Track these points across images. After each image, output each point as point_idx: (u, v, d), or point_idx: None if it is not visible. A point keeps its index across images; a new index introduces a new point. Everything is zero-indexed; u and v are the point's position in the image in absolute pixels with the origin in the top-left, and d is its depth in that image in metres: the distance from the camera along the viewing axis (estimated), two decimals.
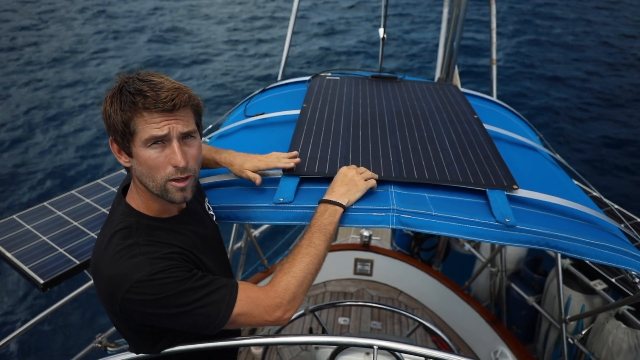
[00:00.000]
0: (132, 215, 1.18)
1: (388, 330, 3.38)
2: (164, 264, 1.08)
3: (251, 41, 14.44)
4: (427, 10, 17.63)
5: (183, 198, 1.16)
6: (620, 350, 2.65)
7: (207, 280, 1.12)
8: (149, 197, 1.18)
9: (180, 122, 1.10)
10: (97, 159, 8.34)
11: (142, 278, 1.05)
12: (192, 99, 1.14)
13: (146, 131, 1.07)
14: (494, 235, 1.33)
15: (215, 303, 1.11)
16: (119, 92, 1.09)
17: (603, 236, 1.46)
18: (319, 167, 1.57)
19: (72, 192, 2.85)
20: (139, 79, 1.10)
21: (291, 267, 1.21)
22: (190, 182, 1.16)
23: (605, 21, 16.00)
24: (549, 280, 3.29)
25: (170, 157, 1.10)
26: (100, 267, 1.10)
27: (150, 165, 1.10)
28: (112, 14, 16.32)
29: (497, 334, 3.06)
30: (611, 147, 8.66)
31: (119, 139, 1.11)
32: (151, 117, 1.07)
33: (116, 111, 1.08)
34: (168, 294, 1.06)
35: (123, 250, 1.09)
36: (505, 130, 2.05)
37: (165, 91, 1.07)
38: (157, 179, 1.11)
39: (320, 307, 2.25)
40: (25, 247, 2.41)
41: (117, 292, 1.06)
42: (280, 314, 1.16)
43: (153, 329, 1.18)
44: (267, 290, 1.17)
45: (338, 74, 2.53)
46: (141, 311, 1.08)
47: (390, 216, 1.35)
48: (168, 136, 1.09)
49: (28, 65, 11.85)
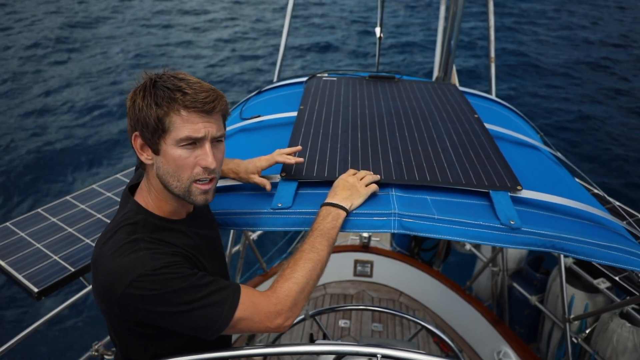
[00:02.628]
0: (140, 213, 1.16)
1: (389, 332, 3.35)
2: (167, 260, 1.05)
3: (246, 40, 14.40)
4: (425, 8, 17.63)
5: (205, 200, 1.15)
6: (625, 349, 2.63)
7: (208, 279, 1.09)
8: (163, 197, 1.16)
9: (214, 126, 1.10)
10: (92, 164, 8.28)
11: (145, 272, 1.01)
12: (227, 105, 1.16)
13: (182, 130, 1.06)
14: (499, 238, 1.30)
15: (218, 304, 1.07)
16: (153, 86, 1.07)
17: (609, 236, 1.43)
18: (317, 170, 1.53)
19: (66, 197, 2.81)
20: (173, 76, 1.09)
21: (293, 273, 1.18)
22: (213, 185, 1.16)
23: (610, 17, 16.01)
24: (551, 279, 3.26)
25: (201, 158, 1.09)
26: (100, 262, 1.07)
27: (179, 164, 1.09)
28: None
29: (500, 334, 3.04)
30: (613, 145, 8.65)
31: (148, 134, 1.08)
32: (189, 116, 1.06)
33: (150, 105, 1.05)
34: (170, 290, 1.02)
35: (126, 245, 1.06)
36: (505, 129, 2.02)
37: (204, 91, 1.07)
38: (183, 179, 1.10)
39: (320, 312, 2.22)
40: (19, 254, 2.36)
41: (117, 287, 1.02)
42: (281, 321, 1.13)
43: (147, 331, 1.13)
44: (269, 295, 1.14)
45: (335, 74, 2.49)
46: (140, 307, 1.04)
47: (392, 221, 1.32)
48: (204, 139, 1.09)
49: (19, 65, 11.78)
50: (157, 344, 1.19)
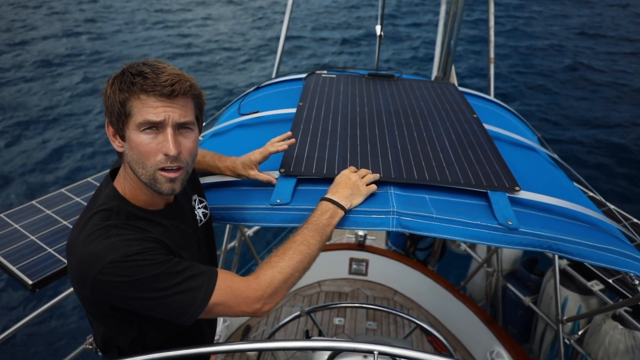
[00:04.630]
0: (115, 199, 1.14)
1: (383, 330, 3.36)
2: (140, 246, 1.04)
3: (245, 36, 14.35)
4: (425, 7, 17.63)
5: (171, 190, 1.11)
6: (617, 351, 2.64)
7: (183, 265, 1.08)
8: (137, 187, 1.14)
9: (177, 111, 1.07)
10: (87, 157, 8.24)
11: (116, 259, 1.00)
12: (194, 88, 1.11)
13: (141, 114, 1.04)
14: (496, 238, 1.30)
15: (192, 290, 1.06)
16: (122, 74, 1.07)
17: (605, 238, 1.44)
18: (316, 167, 1.53)
19: (61, 190, 2.78)
20: (144, 63, 1.08)
21: (279, 262, 1.17)
22: (181, 175, 1.11)
23: (611, 16, 16.03)
24: (545, 281, 3.28)
25: (162, 145, 1.06)
26: (74, 247, 1.07)
27: (141, 150, 1.06)
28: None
29: (493, 334, 3.05)
30: (608, 149, 8.69)
31: (115, 120, 1.08)
32: (148, 100, 1.04)
33: (115, 91, 1.05)
34: (142, 276, 1.01)
35: (99, 231, 1.05)
36: (503, 129, 2.02)
37: (166, 75, 1.04)
38: (147, 166, 1.08)
39: (315, 309, 2.22)
40: (13, 246, 2.34)
41: (88, 273, 1.01)
42: (259, 307, 1.13)
43: (123, 315, 1.12)
44: (250, 281, 1.13)
45: (334, 71, 2.49)
46: (113, 294, 1.03)
47: (391, 219, 1.32)
48: (163, 123, 1.06)
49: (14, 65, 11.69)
50: (135, 330, 1.18)
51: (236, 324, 3.33)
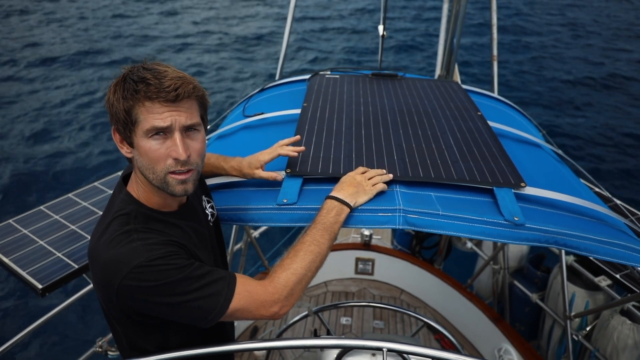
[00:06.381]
0: (131, 203, 1.15)
1: (391, 329, 3.36)
2: (162, 250, 1.05)
3: (248, 38, 14.38)
4: (427, 6, 17.60)
5: (184, 191, 1.12)
6: (625, 347, 2.64)
7: (204, 270, 1.09)
8: (150, 190, 1.16)
9: (183, 114, 1.07)
10: (94, 161, 8.28)
11: (141, 263, 1.02)
12: (197, 90, 1.11)
13: (148, 121, 1.05)
14: (503, 234, 1.31)
15: (213, 295, 1.08)
16: (123, 80, 1.07)
17: (611, 233, 1.44)
18: (322, 167, 1.54)
19: (68, 195, 2.80)
20: (144, 67, 1.08)
21: (292, 264, 1.18)
22: (192, 175, 1.13)
23: (615, 13, 15.96)
24: (552, 277, 3.27)
25: (171, 149, 1.07)
26: (97, 253, 1.08)
27: (151, 157, 1.07)
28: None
29: (501, 331, 3.05)
30: (612, 145, 8.65)
31: (121, 128, 1.09)
32: (153, 106, 1.04)
33: (118, 99, 1.05)
34: (167, 280, 1.03)
35: (120, 236, 1.06)
36: (508, 127, 2.02)
37: (168, 80, 1.04)
38: (157, 171, 1.09)
39: (323, 308, 2.22)
40: (22, 251, 2.36)
41: (114, 278, 1.03)
42: (276, 310, 1.14)
43: (148, 320, 1.14)
44: (266, 285, 1.15)
45: (338, 72, 2.50)
46: (137, 298, 1.05)
47: (397, 216, 1.32)
48: (170, 128, 1.06)
49: (22, 69, 11.77)
50: (161, 333, 1.20)
51: (244, 325, 3.34)
